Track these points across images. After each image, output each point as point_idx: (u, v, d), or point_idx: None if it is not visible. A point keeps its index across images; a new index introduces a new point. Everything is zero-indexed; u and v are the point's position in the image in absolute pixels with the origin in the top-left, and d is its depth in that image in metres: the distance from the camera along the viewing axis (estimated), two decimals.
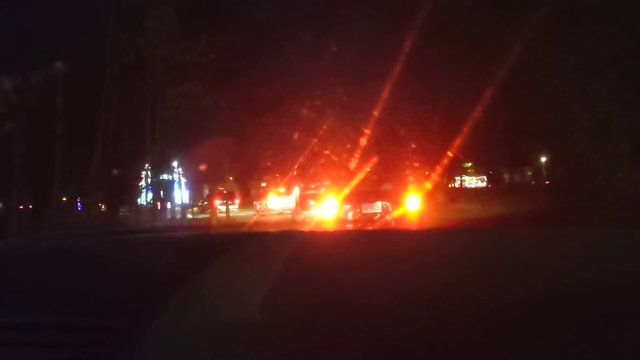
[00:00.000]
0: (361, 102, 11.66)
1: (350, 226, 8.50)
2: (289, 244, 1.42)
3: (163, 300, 0.98)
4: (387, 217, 8.35)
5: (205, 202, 19.53)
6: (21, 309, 1.05)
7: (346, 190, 8.97)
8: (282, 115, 13.80)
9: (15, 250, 1.73)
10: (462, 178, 31.55)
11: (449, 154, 14.93)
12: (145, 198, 21.30)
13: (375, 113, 11.17)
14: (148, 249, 1.60)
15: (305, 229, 8.32)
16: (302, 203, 12.48)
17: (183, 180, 31.17)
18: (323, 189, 10.44)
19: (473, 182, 33.51)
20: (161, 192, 22.49)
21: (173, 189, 26.46)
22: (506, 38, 12.05)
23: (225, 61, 14.20)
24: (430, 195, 19.24)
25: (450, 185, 24.89)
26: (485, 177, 31.24)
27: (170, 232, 3.87)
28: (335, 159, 10.56)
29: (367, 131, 10.64)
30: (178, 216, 19.22)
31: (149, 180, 20.60)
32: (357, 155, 9.76)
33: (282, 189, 18.72)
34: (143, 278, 1.17)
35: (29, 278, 1.22)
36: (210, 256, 1.23)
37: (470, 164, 30.13)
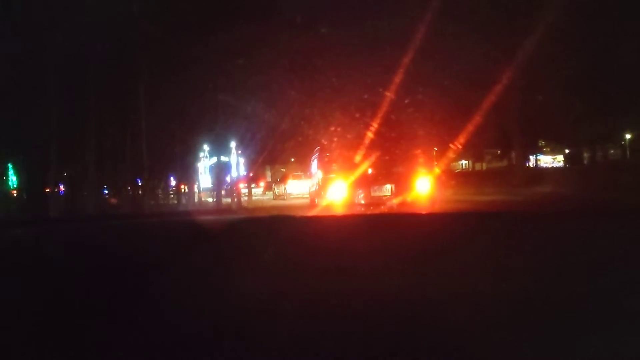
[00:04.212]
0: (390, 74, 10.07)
1: (362, 209, 8.78)
2: (279, 229, 1.56)
3: (147, 288, 1.00)
4: (395, 200, 8.56)
5: (229, 186, 18.77)
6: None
7: (357, 173, 8.93)
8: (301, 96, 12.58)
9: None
10: (537, 157, 28.93)
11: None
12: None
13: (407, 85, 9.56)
14: (136, 235, 1.73)
15: (322, 212, 9.08)
16: (324, 187, 11.30)
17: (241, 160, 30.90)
18: (340, 172, 9.59)
19: (549, 161, 30.91)
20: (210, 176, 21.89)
21: (228, 172, 26.02)
22: None
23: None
24: (501, 177, 17.44)
25: (526, 165, 22.86)
26: (562, 157, 28.34)
27: (170, 218, 4.10)
28: (353, 140, 9.40)
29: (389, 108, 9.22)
30: (195, 200, 18.32)
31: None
32: (375, 136, 8.62)
33: (301, 173, 17.72)
34: (128, 265, 1.20)
35: (14, 268, 1.27)
36: (199, 242, 1.36)
37: (544, 143, 27.48)
